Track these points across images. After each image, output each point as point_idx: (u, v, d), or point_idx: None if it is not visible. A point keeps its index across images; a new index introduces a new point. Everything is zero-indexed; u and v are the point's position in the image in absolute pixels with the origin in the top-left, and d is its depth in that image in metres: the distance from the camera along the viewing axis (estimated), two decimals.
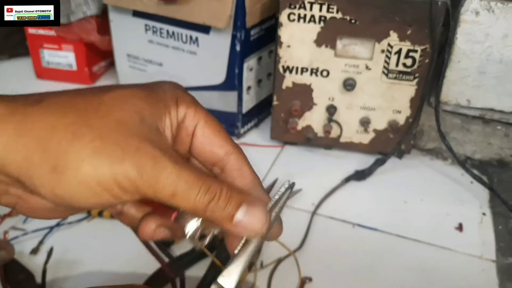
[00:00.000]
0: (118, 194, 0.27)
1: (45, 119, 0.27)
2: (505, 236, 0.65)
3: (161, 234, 0.32)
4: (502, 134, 0.75)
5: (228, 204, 0.29)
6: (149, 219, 0.32)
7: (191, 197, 0.28)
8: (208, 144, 0.33)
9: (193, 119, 0.32)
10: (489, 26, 0.68)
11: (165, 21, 0.77)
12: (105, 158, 0.26)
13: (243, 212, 0.29)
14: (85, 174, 0.26)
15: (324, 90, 0.72)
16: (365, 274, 0.58)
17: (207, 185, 0.28)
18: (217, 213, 0.29)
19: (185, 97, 0.33)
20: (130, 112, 0.29)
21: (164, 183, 0.27)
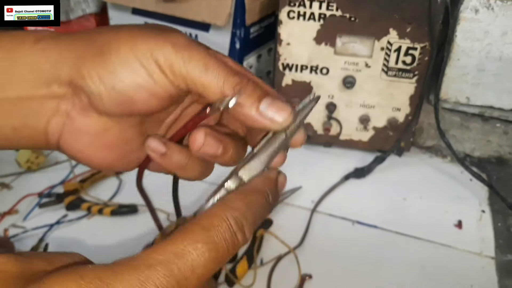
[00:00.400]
0: (156, 72, 0.29)
1: (89, 32, 0.30)
2: (504, 233, 0.65)
3: (210, 146, 0.32)
4: (501, 132, 0.75)
5: (255, 91, 0.30)
6: (198, 131, 0.32)
7: (220, 75, 0.29)
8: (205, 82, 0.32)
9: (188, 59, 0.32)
10: (488, 23, 0.68)
11: (165, 18, 0.77)
12: (141, 38, 0.29)
13: (268, 101, 0.30)
14: (124, 51, 0.29)
15: (324, 88, 0.72)
16: (365, 271, 0.58)
17: (236, 71, 0.30)
18: (243, 96, 0.29)
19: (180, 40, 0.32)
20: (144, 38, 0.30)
21: (197, 57, 0.29)
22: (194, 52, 0.29)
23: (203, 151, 0.32)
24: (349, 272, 0.58)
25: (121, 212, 0.63)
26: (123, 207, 0.64)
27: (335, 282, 0.56)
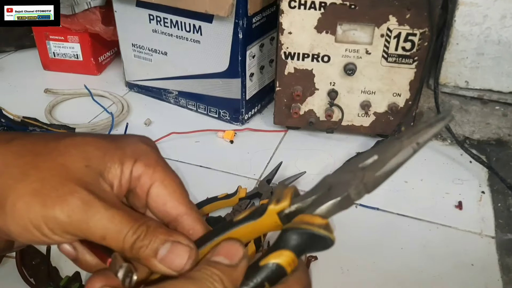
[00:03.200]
0: (48, 234, 0.29)
1: (4, 157, 0.30)
2: (504, 212, 0.66)
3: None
4: (500, 114, 0.76)
5: (153, 241, 0.30)
6: (95, 279, 0.31)
7: (120, 238, 0.29)
8: (161, 205, 0.34)
9: (150, 179, 0.33)
10: (487, 7, 0.68)
11: (169, 10, 0.78)
12: (39, 199, 0.28)
13: (166, 248, 0.30)
14: (19, 210, 0.28)
15: (325, 75, 0.74)
16: (368, 252, 0.60)
17: (136, 226, 0.30)
18: (141, 249, 0.30)
19: (148, 157, 0.34)
20: (77, 157, 0.31)
21: (95, 226, 0.29)
22: (91, 221, 0.29)
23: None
24: (353, 253, 0.59)
25: None
26: None
27: (339, 262, 0.58)
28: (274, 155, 0.76)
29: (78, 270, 0.55)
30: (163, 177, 0.34)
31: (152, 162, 0.34)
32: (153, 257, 0.30)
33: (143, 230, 0.30)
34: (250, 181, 0.70)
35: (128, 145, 0.33)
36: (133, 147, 0.34)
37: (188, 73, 0.84)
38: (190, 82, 0.84)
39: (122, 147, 0.33)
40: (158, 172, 0.34)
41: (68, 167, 0.30)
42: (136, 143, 0.34)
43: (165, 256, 0.30)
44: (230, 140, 0.80)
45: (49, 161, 0.30)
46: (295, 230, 0.31)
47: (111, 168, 0.32)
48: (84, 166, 0.31)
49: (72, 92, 0.92)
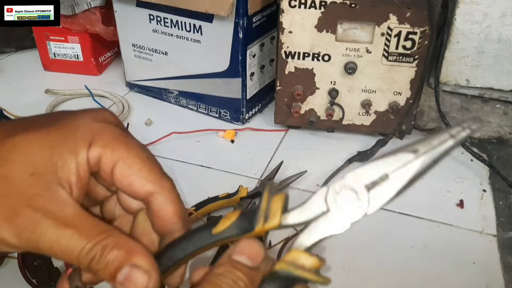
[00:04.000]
0: (4, 249, 0.28)
1: None
2: (505, 211, 0.66)
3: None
4: (501, 113, 0.76)
5: (109, 265, 0.28)
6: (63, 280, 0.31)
7: (73, 255, 0.27)
8: (126, 185, 0.31)
9: (110, 160, 0.30)
10: (487, 6, 0.68)
11: (169, 10, 0.78)
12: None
13: (123, 275, 0.28)
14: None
15: (326, 74, 0.74)
16: (369, 251, 0.60)
17: (90, 245, 0.28)
18: (99, 272, 0.28)
19: (104, 136, 0.30)
20: (21, 165, 0.28)
21: (44, 245, 0.27)
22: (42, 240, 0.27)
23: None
24: (354, 252, 0.59)
25: None
26: None
27: (340, 261, 0.58)
28: (275, 155, 0.76)
29: None
30: (125, 155, 0.30)
31: (109, 141, 0.30)
32: (113, 278, 0.28)
33: (98, 251, 0.28)
34: (251, 180, 0.70)
35: (78, 129, 0.30)
36: (84, 129, 0.30)
37: (188, 72, 0.84)
38: (190, 82, 0.84)
39: (72, 134, 0.29)
40: (118, 150, 0.30)
41: (12, 180, 0.27)
42: (88, 124, 0.30)
43: (124, 280, 0.28)
44: (231, 140, 0.80)
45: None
46: (287, 275, 0.28)
47: (63, 166, 0.29)
48: (29, 175, 0.28)
49: (72, 93, 0.92)
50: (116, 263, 0.28)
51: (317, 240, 0.29)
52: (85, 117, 0.31)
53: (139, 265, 0.28)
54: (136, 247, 0.29)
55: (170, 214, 0.31)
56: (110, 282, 0.28)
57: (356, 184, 0.28)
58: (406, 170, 0.27)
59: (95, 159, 0.30)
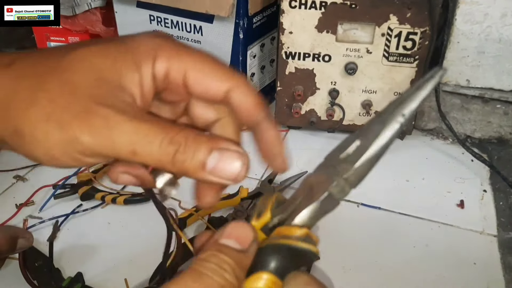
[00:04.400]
0: (78, 157, 0.26)
1: (9, 82, 0.27)
2: (506, 211, 0.66)
3: (124, 180, 0.30)
4: (501, 113, 0.76)
5: (197, 151, 0.27)
6: (117, 164, 0.30)
7: (153, 150, 0.26)
8: (204, 90, 0.29)
9: (179, 69, 0.29)
10: (488, 6, 0.68)
11: (169, 11, 0.78)
12: (55, 124, 0.26)
13: (215, 158, 0.27)
14: (39, 141, 0.26)
15: (326, 75, 0.74)
16: (370, 251, 0.60)
17: (170, 135, 0.26)
18: (186, 163, 0.26)
19: (166, 48, 0.29)
20: (86, 72, 0.27)
21: (121, 141, 0.26)
22: (116, 135, 0.26)
23: (119, 183, 0.30)
24: (355, 253, 0.59)
25: (134, 201, 0.65)
26: (136, 195, 0.66)
27: (342, 262, 0.58)
28: None
29: (80, 271, 0.55)
30: (193, 61, 0.29)
31: (173, 53, 0.29)
32: (202, 169, 0.27)
33: (181, 140, 0.26)
34: (251, 181, 0.70)
35: (140, 44, 0.29)
36: (145, 45, 0.29)
37: None
38: None
39: (134, 48, 0.28)
40: (184, 59, 0.29)
41: (77, 84, 0.27)
42: (148, 39, 0.29)
43: (215, 167, 0.27)
44: None
45: (55, 81, 0.27)
46: (271, 247, 0.27)
47: (127, 76, 0.28)
48: (94, 80, 0.27)
49: None
50: (204, 150, 0.27)
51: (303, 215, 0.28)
52: (143, 35, 0.30)
53: (229, 147, 0.28)
54: (218, 136, 0.29)
55: (252, 104, 0.30)
56: (197, 174, 0.27)
57: (333, 160, 0.28)
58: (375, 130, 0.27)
59: (162, 73, 0.29)
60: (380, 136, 0.26)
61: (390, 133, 0.26)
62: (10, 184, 0.70)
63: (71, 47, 0.29)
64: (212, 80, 0.29)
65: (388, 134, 0.26)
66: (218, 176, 0.27)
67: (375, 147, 0.26)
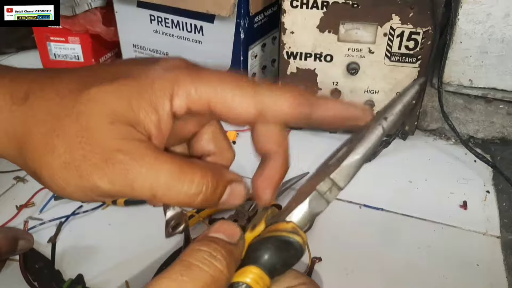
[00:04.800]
0: (99, 199, 0.28)
1: (25, 120, 0.27)
2: (509, 212, 0.66)
3: None
4: (504, 113, 0.76)
5: (217, 190, 0.28)
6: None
7: (174, 194, 0.27)
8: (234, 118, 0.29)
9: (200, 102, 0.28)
10: (490, 5, 0.68)
11: (170, 11, 0.78)
12: (74, 172, 0.26)
13: (227, 193, 0.29)
14: (58, 186, 0.27)
15: (328, 75, 0.73)
16: (372, 253, 0.60)
17: (191, 178, 0.27)
18: (207, 201, 0.28)
19: (183, 81, 0.28)
20: (101, 116, 0.27)
21: (140, 187, 0.26)
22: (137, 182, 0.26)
23: None
24: (357, 254, 0.59)
25: (134, 202, 0.65)
26: None
27: (344, 264, 0.58)
28: None
29: (80, 272, 0.55)
30: (214, 90, 0.28)
31: (192, 86, 0.28)
32: (216, 204, 0.29)
33: (203, 182, 0.27)
34: None
35: (154, 80, 0.28)
36: (161, 80, 0.28)
37: None
38: None
39: (148, 86, 0.28)
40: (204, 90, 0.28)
41: (93, 130, 0.26)
42: (164, 73, 0.28)
43: (226, 200, 0.29)
44: (232, 141, 0.79)
45: (71, 126, 0.27)
46: (259, 241, 0.28)
47: (145, 118, 0.27)
48: (110, 123, 0.27)
49: None
50: (222, 187, 0.29)
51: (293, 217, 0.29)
52: (155, 67, 0.29)
53: (235, 179, 0.30)
54: (224, 169, 0.31)
55: (278, 135, 0.31)
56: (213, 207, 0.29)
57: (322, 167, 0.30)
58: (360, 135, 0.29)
59: (184, 110, 0.28)
60: (364, 139, 0.28)
61: (373, 136, 0.28)
62: (10, 186, 0.69)
63: (84, 83, 0.28)
64: (236, 104, 0.28)
65: (372, 136, 0.28)
66: (225, 206, 0.30)
67: (360, 149, 0.28)
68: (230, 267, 0.27)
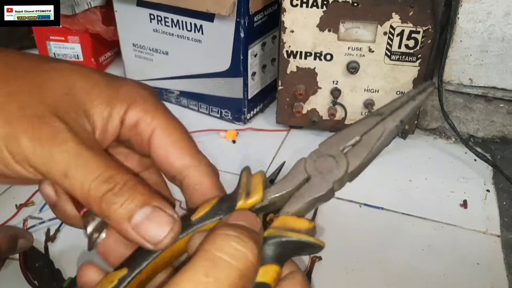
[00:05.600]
0: (8, 159, 0.24)
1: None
2: (509, 211, 0.66)
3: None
4: (504, 112, 0.76)
5: (130, 200, 0.24)
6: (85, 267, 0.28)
7: (86, 181, 0.24)
8: (163, 156, 0.29)
9: (149, 126, 0.29)
10: (491, 4, 0.68)
11: (170, 10, 0.77)
12: (2, 115, 0.24)
13: (144, 214, 0.24)
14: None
15: (328, 74, 0.73)
16: (373, 252, 0.60)
17: (110, 173, 0.24)
18: (113, 207, 0.24)
19: (146, 102, 0.29)
20: (58, 82, 0.26)
21: (58, 158, 0.24)
22: (56, 149, 0.24)
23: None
24: (357, 253, 0.59)
25: None
26: None
27: (344, 263, 0.58)
28: (277, 155, 0.76)
29: None
30: (165, 124, 0.29)
31: (151, 108, 0.29)
32: (126, 220, 0.24)
33: (119, 183, 0.24)
34: None
35: (122, 86, 0.28)
36: (127, 89, 0.29)
37: (189, 72, 0.83)
38: (191, 82, 0.84)
39: (115, 87, 0.28)
40: (158, 118, 0.29)
41: (44, 89, 0.25)
42: (132, 86, 0.29)
43: (141, 223, 0.24)
44: (232, 140, 0.79)
45: (24, 78, 0.26)
46: (279, 239, 0.26)
47: (97, 107, 0.27)
48: (64, 94, 0.26)
49: None
50: (138, 201, 0.24)
51: (303, 205, 0.28)
52: (129, 81, 0.30)
53: (165, 208, 0.25)
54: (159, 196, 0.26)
55: (208, 187, 0.29)
56: (120, 225, 0.24)
57: (332, 150, 0.29)
58: (376, 130, 0.29)
59: (132, 122, 0.28)
60: (382, 138, 0.29)
61: (390, 136, 0.29)
62: (9, 185, 0.69)
63: (56, 59, 0.28)
64: (175, 149, 0.29)
65: (389, 136, 0.29)
66: (140, 235, 0.24)
67: (377, 147, 0.29)
68: (259, 259, 0.24)
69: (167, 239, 0.25)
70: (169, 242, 0.25)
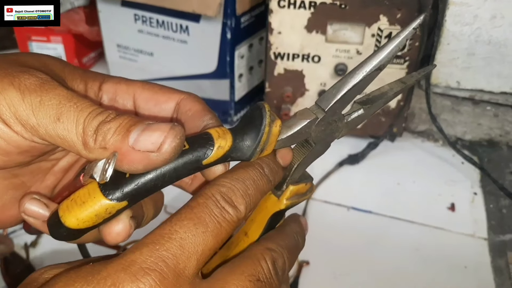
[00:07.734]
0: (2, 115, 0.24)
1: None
2: (496, 214, 0.66)
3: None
4: (491, 115, 0.76)
5: (123, 123, 0.24)
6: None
7: (80, 118, 0.24)
8: (153, 105, 0.31)
9: (127, 91, 0.31)
10: (477, 7, 0.68)
11: (155, 10, 0.76)
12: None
13: (140, 129, 0.24)
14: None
15: (316, 76, 0.73)
16: (360, 256, 0.59)
17: (101, 109, 0.25)
18: (110, 131, 0.24)
19: (115, 78, 0.32)
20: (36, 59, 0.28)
21: (50, 103, 0.24)
22: (46, 96, 0.24)
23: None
24: (345, 257, 0.59)
25: None
26: None
27: (332, 267, 0.57)
28: None
29: None
30: (141, 84, 0.32)
31: (122, 80, 0.32)
32: (124, 143, 0.24)
33: (111, 114, 0.25)
34: None
35: (88, 71, 0.32)
36: (95, 72, 0.32)
37: (175, 74, 0.82)
38: (177, 84, 0.83)
39: (84, 69, 0.31)
40: (133, 83, 0.32)
41: (22, 63, 0.27)
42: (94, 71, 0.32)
43: (138, 138, 0.24)
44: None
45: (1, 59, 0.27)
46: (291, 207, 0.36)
47: (73, 81, 0.29)
48: (41, 66, 0.27)
49: None
50: (130, 122, 0.24)
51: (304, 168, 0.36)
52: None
53: (154, 125, 0.25)
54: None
55: (199, 109, 0.31)
56: (120, 145, 0.24)
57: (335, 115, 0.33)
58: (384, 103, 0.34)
59: (110, 94, 0.31)
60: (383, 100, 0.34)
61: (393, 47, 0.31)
62: None
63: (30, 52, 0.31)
64: (161, 96, 0.32)
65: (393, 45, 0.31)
66: (141, 150, 0.24)
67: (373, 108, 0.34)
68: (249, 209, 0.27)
69: (166, 144, 0.24)
70: (174, 147, 0.24)
